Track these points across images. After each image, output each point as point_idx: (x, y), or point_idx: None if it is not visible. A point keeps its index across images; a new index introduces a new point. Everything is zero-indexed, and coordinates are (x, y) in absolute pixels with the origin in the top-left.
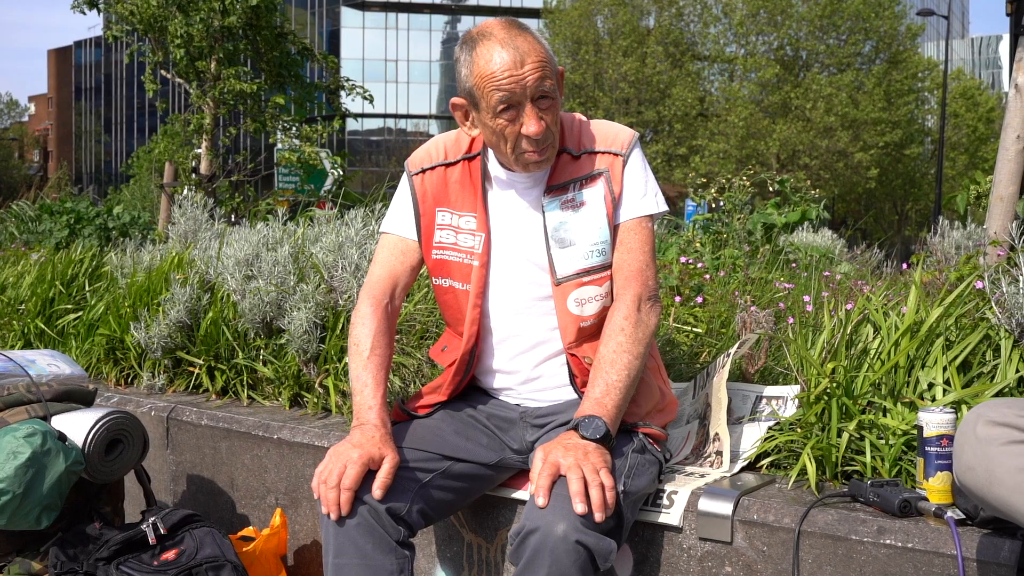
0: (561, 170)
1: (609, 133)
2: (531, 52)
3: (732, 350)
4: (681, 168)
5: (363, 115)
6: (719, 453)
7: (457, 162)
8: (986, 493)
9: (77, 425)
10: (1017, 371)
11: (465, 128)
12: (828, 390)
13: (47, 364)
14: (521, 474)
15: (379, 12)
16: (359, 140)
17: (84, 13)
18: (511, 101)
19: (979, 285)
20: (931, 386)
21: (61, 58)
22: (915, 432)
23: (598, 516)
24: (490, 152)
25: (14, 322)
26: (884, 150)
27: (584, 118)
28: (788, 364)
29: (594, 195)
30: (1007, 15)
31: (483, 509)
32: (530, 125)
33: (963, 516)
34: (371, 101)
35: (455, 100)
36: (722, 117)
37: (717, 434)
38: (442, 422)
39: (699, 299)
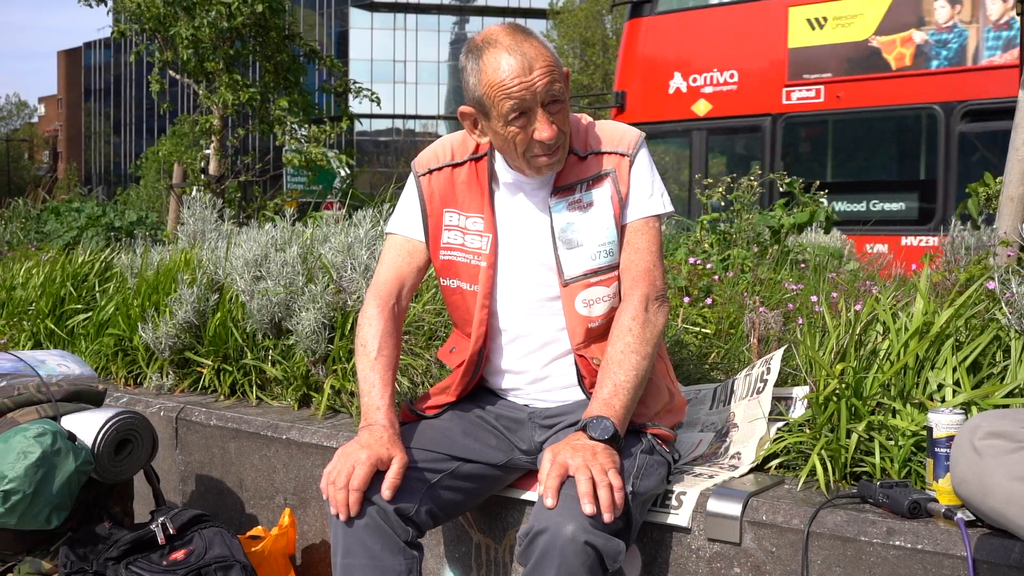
0: (568, 171)
1: (615, 133)
2: (538, 57)
3: (770, 379)
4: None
5: (371, 116)
6: (734, 467)
7: (464, 163)
8: (980, 504)
9: (87, 425)
10: None
11: (475, 136)
12: (837, 391)
13: (57, 364)
14: (530, 475)
15: (387, 13)
16: (367, 140)
17: (91, 6)
18: (522, 108)
19: (989, 286)
20: (941, 387)
21: (70, 59)
22: (925, 433)
23: (607, 517)
24: (497, 153)
25: (24, 322)
26: None
27: (590, 119)
28: (797, 365)
29: (601, 196)
30: (1017, 15)
31: (492, 510)
32: (543, 131)
33: (973, 517)
34: (378, 103)
35: (463, 109)
36: None
37: (739, 453)
38: (450, 423)
39: (708, 300)
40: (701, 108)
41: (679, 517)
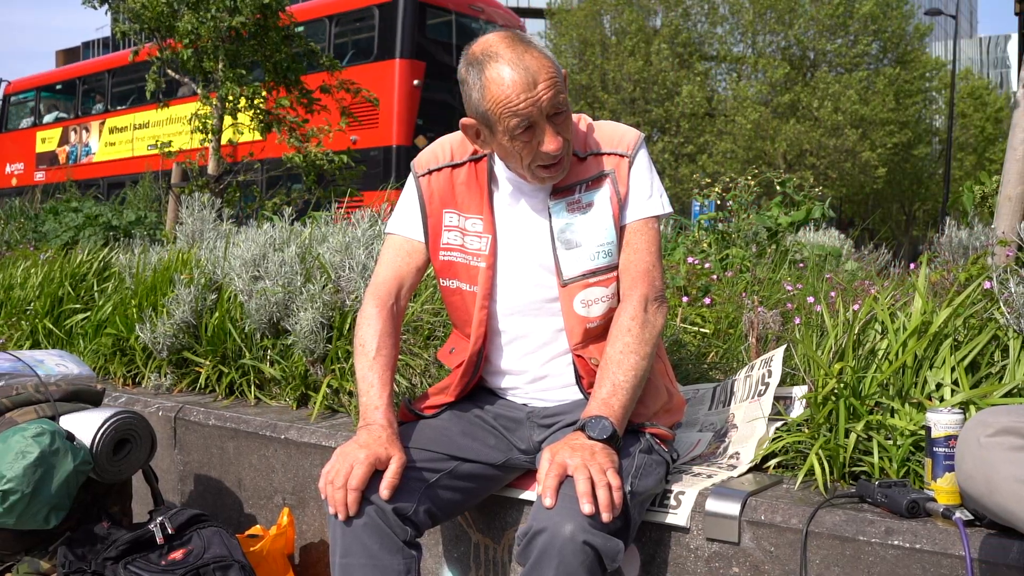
0: (567, 172)
1: (615, 134)
2: (541, 70)
3: (772, 382)
4: (687, 165)
5: (370, 114)
6: (733, 467)
7: (464, 163)
8: (987, 501)
9: (85, 425)
10: None
11: (476, 144)
12: (836, 390)
13: (55, 364)
14: (528, 474)
15: None
16: None
17: (95, 7)
18: (529, 123)
19: (987, 285)
20: (939, 386)
21: (68, 58)
22: (923, 433)
23: (605, 516)
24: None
25: (23, 322)
26: (892, 150)
27: (590, 119)
28: (795, 364)
29: (600, 196)
30: (1016, 14)
31: (490, 509)
32: (549, 144)
33: (971, 517)
34: (376, 104)
35: (465, 121)
36: (730, 117)
37: (738, 452)
38: (449, 422)
39: (707, 300)
40: (13, 182)
41: (678, 517)
